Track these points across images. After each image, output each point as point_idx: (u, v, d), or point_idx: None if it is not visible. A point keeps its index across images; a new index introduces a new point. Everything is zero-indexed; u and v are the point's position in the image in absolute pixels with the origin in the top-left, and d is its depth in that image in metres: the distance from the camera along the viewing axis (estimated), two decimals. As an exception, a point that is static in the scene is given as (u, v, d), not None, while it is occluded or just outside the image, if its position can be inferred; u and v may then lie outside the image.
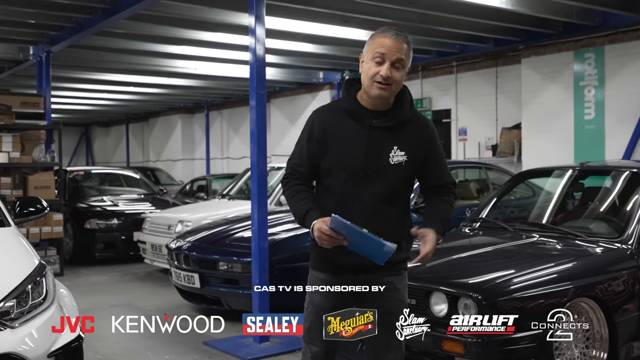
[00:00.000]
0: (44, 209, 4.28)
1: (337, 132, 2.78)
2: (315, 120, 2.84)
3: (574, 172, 5.88)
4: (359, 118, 2.78)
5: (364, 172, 2.75)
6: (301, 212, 2.76)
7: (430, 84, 12.86)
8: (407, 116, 2.80)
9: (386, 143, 2.77)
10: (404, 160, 2.77)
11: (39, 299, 3.13)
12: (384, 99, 2.75)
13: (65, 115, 22.00)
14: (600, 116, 9.55)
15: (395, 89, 2.75)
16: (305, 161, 2.84)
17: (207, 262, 6.29)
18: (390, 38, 2.69)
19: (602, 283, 4.33)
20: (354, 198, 2.77)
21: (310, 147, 2.83)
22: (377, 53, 2.70)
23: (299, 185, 2.84)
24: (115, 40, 9.84)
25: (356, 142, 2.75)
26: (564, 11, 8.64)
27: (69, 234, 10.25)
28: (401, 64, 2.71)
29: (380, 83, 2.69)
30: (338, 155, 2.77)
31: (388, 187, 2.76)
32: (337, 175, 2.79)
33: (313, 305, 2.87)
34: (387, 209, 2.76)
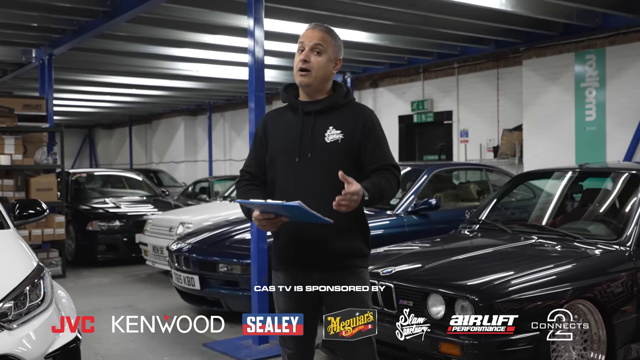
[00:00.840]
0: (43, 211, 4.30)
1: (277, 127, 2.91)
2: (260, 123, 3.01)
3: (574, 173, 5.88)
4: (294, 108, 2.89)
5: (301, 153, 2.80)
6: (245, 209, 2.85)
7: (431, 85, 12.87)
8: (341, 102, 2.89)
9: (321, 124, 2.84)
10: (340, 138, 2.82)
11: (37, 301, 3.15)
12: (308, 86, 2.83)
13: (69, 117, 22.08)
14: (602, 117, 9.54)
15: (317, 74, 2.81)
16: (253, 161, 2.96)
17: (207, 264, 6.31)
18: (309, 29, 2.87)
19: (600, 285, 4.33)
20: (294, 182, 2.82)
21: (255, 147, 2.97)
22: (299, 44, 2.85)
23: (247, 185, 2.93)
24: (116, 42, 9.88)
25: (292, 128, 2.85)
26: (564, 13, 8.64)
27: (71, 235, 10.29)
28: (320, 49, 2.81)
29: (301, 70, 2.80)
30: (276, 144, 2.88)
31: (327, 166, 2.78)
32: (278, 163, 2.87)
33: (278, 308, 2.94)
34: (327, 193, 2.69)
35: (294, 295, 2.85)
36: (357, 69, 13.27)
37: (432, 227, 6.61)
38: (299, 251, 2.82)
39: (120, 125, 25.92)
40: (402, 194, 7.22)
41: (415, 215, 6.84)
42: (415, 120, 13.22)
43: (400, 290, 4.35)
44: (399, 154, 13.44)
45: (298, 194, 2.72)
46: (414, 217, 6.83)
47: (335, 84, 2.93)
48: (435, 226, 6.66)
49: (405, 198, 6.93)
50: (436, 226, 6.65)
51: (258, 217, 2.67)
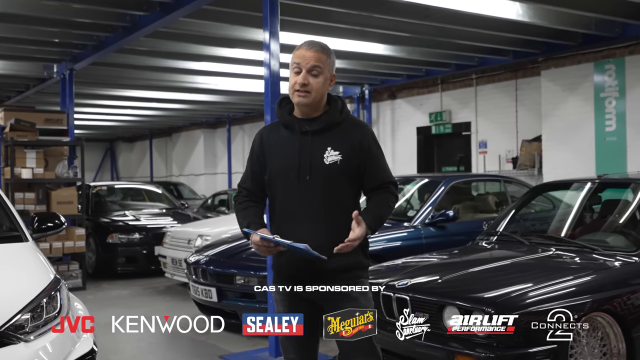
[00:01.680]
0: (61, 224, 4.35)
1: (273, 144, 2.92)
2: (255, 139, 3.01)
3: (593, 185, 5.83)
4: (290, 127, 2.89)
5: (300, 174, 2.82)
6: (242, 227, 2.88)
7: (449, 97, 12.83)
8: (338, 120, 2.88)
9: (319, 145, 2.84)
10: (338, 159, 2.82)
11: (54, 313, 3.18)
12: (306, 106, 2.85)
13: (90, 131, 22.34)
14: (622, 127, 9.44)
15: (316, 95, 2.83)
16: (249, 177, 2.98)
17: (224, 276, 6.34)
18: (304, 48, 2.84)
19: (619, 297, 4.28)
20: (294, 203, 2.84)
21: (252, 164, 2.98)
22: (294, 64, 2.84)
23: (245, 202, 2.96)
24: (136, 57, 10.01)
25: (290, 148, 2.86)
26: (582, 22, 8.59)
27: (92, 248, 10.39)
28: (317, 71, 2.81)
29: (298, 91, 2.80)
30: (275, 165, 2.89)
31: (326, 188, 2.81)
32: (277, 184, 2.89)
33: None
34: (329, 213, 2.81)
35: (294, 305, 2.87)
36: (375, 80, 13.29)
37: (450, 239, 6.58)
38: (301, 268, 2.83)
39: (141, 138, 26.16)
40: (419, 205, 7.21)
41: (432, 227, 6.81)
42: (433, 131, 13.18)
43: (415, 303, 4.33)
44: (417, 166, 13.41)
45: (298, 215, 2.80)
46: (432, 228, 6.80)
47: (329, 99, 2.93)
48: (453, 238, 6.63)
49: (423, 210, 6.91)
50: (454, 238, 6.62)
51: (257, 243, 2.73)
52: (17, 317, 3.00)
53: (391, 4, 7.30)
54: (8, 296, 3.12)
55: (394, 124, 14.02)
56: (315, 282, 2.81)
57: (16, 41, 8.82)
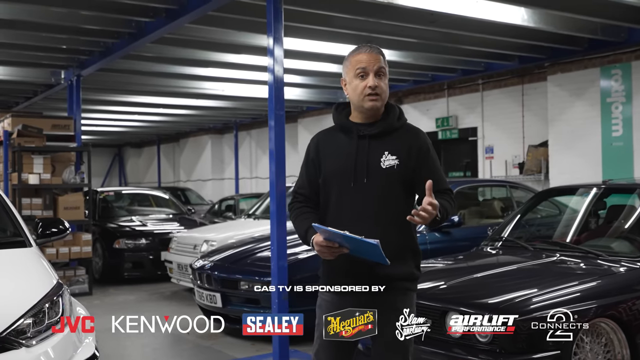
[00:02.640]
0: (66, 230, 4.37)
1: (330, 148, 2.90)
2: (311, 144, 2.98)
3: (598, 190, 5.81)
4: (348, 131, 2.88)
5: (356, 177, 2.79)
6: (302, 231, 2.84)
7: (455, 102, 12.82)
8: (396, 125, 2.87)
9: (376, 149, 2.82)
10: (395, 164, 2.80)
11: (56, 318, 3.19)
12: (377, 110, 2.84)
13: (98, 136, 22.44)
14: (629, 133, 9.40)
15: (385, 97, 2.85)
16: (306, 183, 2.95)
17: (229, 281, 6.34)
18: (366, 53, 2.83)
19: (624, 303, 4.26)
20: (348, 206, 2.81)
21: (308, 168, 2.95)
22: (359, 69, 2.81)
23: (302, 207, 2.93)
24: (142, 63, 10.06)
25: (346, 152, 2.84)
26: (589, 28, 8.57)
27: (99, 253, 10.42)
28: (383, 72, 2.83)
29: (370, 95, 2.79)
30: (331, 167, 2.87)
31: (382, 192, 2.78)
32: (332, 186, 2.86)
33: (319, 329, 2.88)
34: (383, 217, 2.78)
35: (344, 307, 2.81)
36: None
37: (455, 245, 6.56)
38: (351, 276, 2.79)
39: (148, 144, 26.25)
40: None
41: (437, 233, 6.80)
42: (440, 137, 13.17)
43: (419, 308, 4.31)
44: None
45: (352, 218, 2.77)
46: (436, 234, 6.79)
47: (387, 105, 2.92)
48: (458, 243, 6.61)
49: (428, 215, 6.89)
50: (459, 243, 6.60)
51: (321, 244, 2.66)
52: (19, 322, 3.01)
53: (396, 10, 7.31)
54: (10, 301, 3.14)
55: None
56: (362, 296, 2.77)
57: (24, 47, 8.89)
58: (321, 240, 2.66)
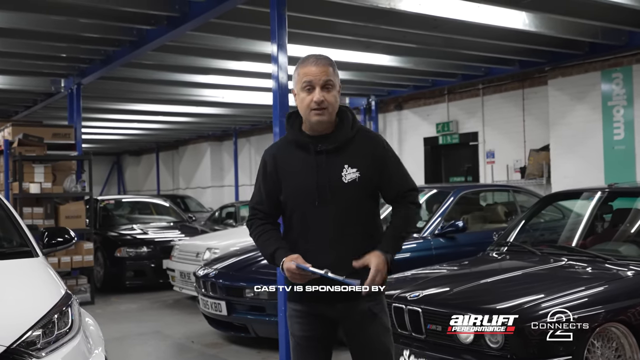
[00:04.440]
0: (72, 239, 4.33)
1: (288, 165, 2.85)
2: (267, 157, 2.92)
3: (603, 194, 5.80)
4: (304, 147, 2.83)
5: (320, 196, 2.76)
6: (269, 252, 2.81)
7: (456, 107, 12.82)
8: (349, 135, 2.83)
9: (335, 164, 2.79)
10: (357, 176, 2.78)
11: (65, 329, 3.16)
12: (325, 124, 2.80)
13: (97, 145, 22.41)
14: (630, 136, 9.40)
15: (332, 110, 2.80)
16: (265, 199, 2.90)
17: (234, 289, 6.31)
18: (312, 65, 2.77)
19: (633, 307, 4.23)
20: (315, 225, 2.79)
21: (266, 184, 2.90)
22: (305, 82, 2.76)
23: (264, 225, 2.89)
24: (143, 71, 10.04)
25: (306, 170, 2.80)
26: (589, 32, 8.57)
27: (100, 262, 10.39)
28: (330, 84, 2.77)
29: (316, 109, 2.74)
30: (292, 186, 2.83)
31: (347, 207, 2.77)
32: (296, 206, 2.83)
33: (293, 337, 2.92)
34: (350, 231, 2.77)
35: (312, 320, 2.84)
36: (382, 92, 13.29)
37: (460, 250, 6.54)
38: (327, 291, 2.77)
39: (147, 151, 26.23)
40: (428, 216, 7.17)
41: (442, 238, 6.78)
42: (440, 142, 13.16)
43: (428, 315, 4.30)
44: (424, 176, 13.37)
45: (319, 237, 2.76)
46: (441, 239, 6.77)
47: (340, 112, 2.87)
48: (463, 249, 6.59)
49: (432, 221, 6.88)
50: (464, 249, 6.58)
51: (293, 271, 2.65)
52: (28, 334, 2.98)
53: (399, 15, 7.30)
54: (19, 312, 3.10)
55: (400, 135, 14.01)
56: (337, 300, 2.77)
57: (24, 56, 8.87)
58: (293, 268, 2.64)
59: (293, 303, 2.89)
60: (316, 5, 6.89)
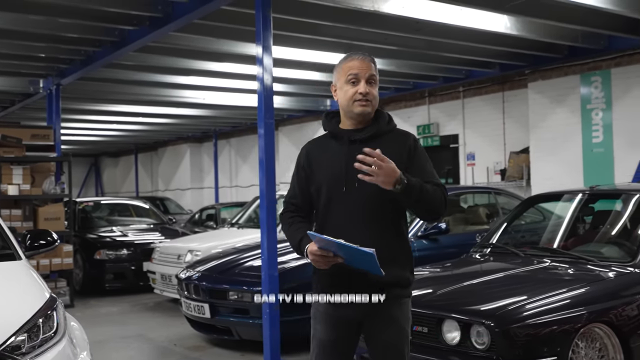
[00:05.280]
0: (54, 242, 4.29)
1: (320, 156, 2.91)
2: (302, 153, 2.99)
3: (584, 196, 5.86)
4: (339, 137, 2.89)
5: (347, 183, 2.78)
6: (296, 241, 2.83)
7: (437, 109, 12.89)
8: (385, 129, 2.88)
9: None
10: None
11: (50, 333, 3.11)
12: (367, 115, 2.85)
13: (75, 146, 22.18)
14: (609, 139, 9.52)
15: (375, 104, 2.86)
16: (298, 192, 2.95)
17: (217, 292, 6.27)
18: (358, 59, 2.86)
19: (616, 308, 4.28)
20: (340, 214, 2.81)
21: (299, 178, 2.95)
22: (351, 75, 2.83)
23: (294, 217, 2.93)
24: (124, 72, 9.95)
25: (337, 158, 2.84)
26: (569, 35, 8.67)
27: (79, 265, 10.26)
28: (374, 80, 2.85)
29: (360, 100, 2.81)
30: (322, 174, 2.87)
31: (374, 197, 2.76)
32: (324, 194, 2.85)
33: (316, 338, 2.90)
34: (374, 223, 2.77)
35: (335, 323, 2.83)
36: (362, 94, 13.27)
37: (443, 252, 6.56)
38: (344, 282, 2.78)
39: (126, 153, 26.02)
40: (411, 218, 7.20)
41: (425, 240, 6.80)
42: (421, 144, 13.19)
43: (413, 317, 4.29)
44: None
45: (345, 226, 2.76)
46: (424, 241, 6.79)
47: (376, 111, 2.92)
48: (446, 250, 6.62)
49: (415, 223, 6.89)
50: (446, 250, 6.61)
51: (315, 253, 2.65)
52: (12, 338, 2.93)
53: (382, 18, 7.32)
54: (4, 317, 3.05)
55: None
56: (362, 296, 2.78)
57: (1, 56, 8.73)
58: (315, 250, 2.65)
59: (317, 303, 2.89)
60: (300, 7, 6.88)
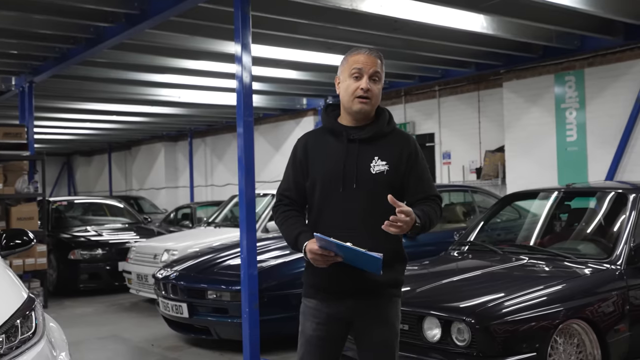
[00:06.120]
0: (30, 241, 4.20)
1: (318, 150, 2.86)
2: (298, 144, 2.93)
3: (560, 194, 5.94)
4: (338, 134, 2.84)
5: (345, 183, 2.76)
6: (292, 237, 2.80)
7: (413, 108, 12.95)
8: (386, 130, 2.84)
9: (366, 153, 2.79)
10: (385, 169, 2.77)
11: (29, 334, 3.05)
12: (366, 113, 2.81)
13: (47, 145, 21.85)
14: (582, 138, 9.65)
15: (375, 102, 2.82)
16: (292, 185, 2.90)
17: (196, 291, 6.23)
18: (364, 54, 2.80)
19: (592, 304, 4.35)
20: (336, 212, 2.77)
21: (295, 170, 2.90)
22: (355, 69, 2.78)
23: (289, 211, 2.88)
24: (98, 69, 9.81)
25: (335, 155, 2.80)
26: (544, 35, 8.76)
27: (53, 265, 10.11)
28: (378, 77, 2.80)
29: (361, 97, 2.77)
30: (319, 170, 2.83)
31: (371, 198, 2.74)
32: (320, 191, 2.81)
33: (304, 335, 2.89)
34: (371, 223, 2.69)
35: (324, 320, 2.81)
36: (339, 93, 13.28)
37: (420, 250, 6.58)
38: (337, 281, 2.76)
39: (99, 152, 25.71)
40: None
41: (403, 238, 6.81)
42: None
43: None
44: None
45: (340, 224, 2.73)
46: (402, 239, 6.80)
47: (377, 109, 2.88)
48: (423, 248, 6.64)
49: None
50: (424, 248, 6.64)
51: (316, 252, 2.61)
52: (-10, 339, 2.87)
53: (360, 16, 7.32)
54: (-19, 317, 2.99)
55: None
56: (356, 297, 2.77)
57: (-28, 53, 8.58)
58: (316, 249, 2.61)
59: (307, 299, 2.88)
60: (279, 5, 6.86)
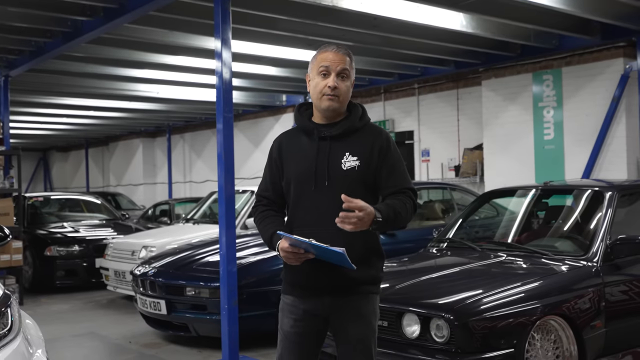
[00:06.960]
0: (6, 237, 4.15)
1: (292, 150, 2.89)
2: (274, 145, 2.96)
3: (538, 191, 5.99)
4: (309, 132, 2.86)
5: (317, 181, 2.77)
6: (267, 236, 2.82)
7: (392, 106, 12.98)
8: (357, 125, 2.85)
9: (337, 150, 2.80)
10: (356, 165, 2.77)
11: (4, 330, 3.01)
12: (334, 110, 2.82)
13: (23, 140, 21.59)
14: (560, 136, 9.75)
15: (343, 99, 2.82)
16: (270, 185, 2.94)
17: (174, 287, 6.18)
18: (332, 52, 2.81)
19: (569, 301, 4.39)
20: (311, 210, 2.79)
21: (271, 171, 2.94)
22: (322, 67, 2.79)
23: (266, 211, 2.91)
24: (75, 64, 9.70)
25: (307, 154, 2.82)
26: (522, 34, 8.83)
27: (29, 261, 9.99)
28: (346, 74, 2.80)
29: (328, 95, 2.77)
30: (292, 170, 2.85)
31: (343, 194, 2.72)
32: (294, 190, 2.84)
33: (282, 331, 2.89)
34: None
35: (301, 316, 2.82)
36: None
37: (399, 247, 6.63)
38: (313, 278, 2.77)
39: (76, 147, 25.44)
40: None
41: (381, 235, 6.82)
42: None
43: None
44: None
45: (315, 222, 2.74)
46: (381, 236, 6.80)
47: (350, 105, 2.89)
48: (402, 245, 6.69)
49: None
50: (403, 245, 6.68)
51: (286, 250, 2.63)
52: (-36, 336, 2.83)
53: (340, 13, 7.32)
54: (-45, 314, 2.95)
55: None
56: (332, 294, 2.77)
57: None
58: (287, 247, 2.64)
59: (285, 296, 2.89)
60: (259, 1, 6.83)
